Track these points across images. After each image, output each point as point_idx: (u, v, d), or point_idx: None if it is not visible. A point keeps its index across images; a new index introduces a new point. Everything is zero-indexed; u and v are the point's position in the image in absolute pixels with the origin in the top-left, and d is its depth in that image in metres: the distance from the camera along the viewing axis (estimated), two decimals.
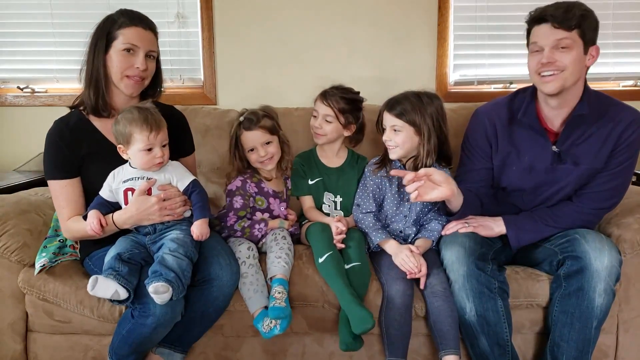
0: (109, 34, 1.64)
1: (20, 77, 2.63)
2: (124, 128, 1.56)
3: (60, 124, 1.70)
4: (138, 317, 1.51)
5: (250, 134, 1.82)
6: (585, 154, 1.70)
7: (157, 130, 1.57)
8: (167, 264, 1.48)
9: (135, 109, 1.58)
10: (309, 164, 1.98)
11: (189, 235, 1.59)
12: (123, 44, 1.63)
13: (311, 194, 1.96)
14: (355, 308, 1.56)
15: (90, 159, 1.68)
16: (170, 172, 1.64)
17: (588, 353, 1.60)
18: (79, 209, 1.67)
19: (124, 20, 1.64)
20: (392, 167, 1.86)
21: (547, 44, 1.60)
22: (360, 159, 2.02)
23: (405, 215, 1.85)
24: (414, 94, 1.79)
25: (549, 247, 1.72)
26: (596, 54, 1.63)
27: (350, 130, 1.95)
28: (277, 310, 1.57)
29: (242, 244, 1.75)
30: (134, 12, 1.69)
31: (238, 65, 2.60)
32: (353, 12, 2.56)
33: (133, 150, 1.57)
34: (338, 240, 1.73)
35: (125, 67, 1.64)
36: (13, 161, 2.60)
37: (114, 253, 1.53)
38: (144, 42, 1.66)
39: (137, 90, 1.70)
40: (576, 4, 1.60)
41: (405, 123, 1.76)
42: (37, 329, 1.76)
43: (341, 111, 1.90)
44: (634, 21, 2.55)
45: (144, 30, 1.66)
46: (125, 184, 1.60)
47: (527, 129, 1.75)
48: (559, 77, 1.60)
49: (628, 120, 1.68)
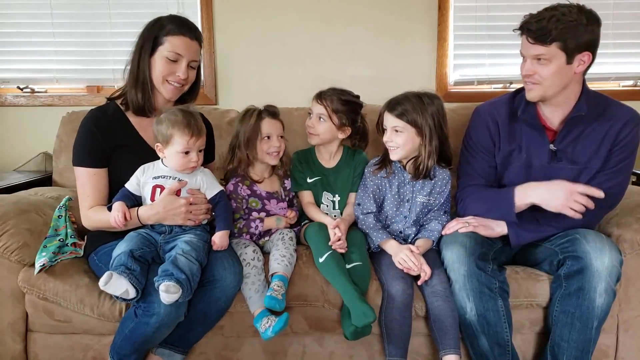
0: (156, 37, 1.68)
1: (20, 77, 2.63)
2: (167, 129, 1.59)
3: (97, 112, 1.74)
4: (142, 316, 1.51)
5: (273, 122, 1.84)
6: (583, 153, 1.71)
7: (198, 136, 1.62)
8: (179, 265, 1.49)
9: (180, 111, 1.62)
10: (307, 162, 1.98)
11: (202, 240, 1.62)
12: (168, 51, 1.67)
13: (310, 190, 1.96)
14: (358, 303, 1.57)
15: (121, 151, 1.71)
16: (201, 178, 1.68)
17: (588, 353, 1.60)
18: (101, 199, 1.70)
19: (172, 27, 1.68)
20: (392, 167, 1.86)
21: (527, 55, 1.63)
22: (357, 152, 1.99)
23: (405, 216, 1.85)
24: (415, 95, 1.78)
25: (549, 247, 1.72)
26: (588, 60, 1.62)
27: (344, 133, 1.93)
28: (273, 299, 1.57)
29: (248, 247, 1.76)
30: (183, 20, 1.72)
31: (238, 65, 2.60)
32: (353, 12, 2.56)
33: (171, 151, 1.61)
34: (336, 247, 1.71)
35: (167, 74, 1.69)
36: (13, 161, 2.61)
37: (126, 249, 1.53)
38: (188, 52, 1.70)
39: (176, 96, 1.76)
40: (561, 14, 1.55)
41: (407, 124, 1.75)
42: (37, 329, 1.76)
43: (335, 111, 1.88)
44: (634, 21, 2.56)
45: (190, 40, 1.70)
46: (156, 180, 1.63)
47: (527, 126, 1.76)
48: (539, 88, 1.64)
49: (625, 119, 1.69)
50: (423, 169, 1.78)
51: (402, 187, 1.85)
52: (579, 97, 1.69)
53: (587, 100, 1.69)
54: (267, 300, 1.58)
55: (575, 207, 1.59)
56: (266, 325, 1.60)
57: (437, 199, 1.85)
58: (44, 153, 2.56)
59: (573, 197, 1.59)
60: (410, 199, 1.84)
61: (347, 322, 1.62)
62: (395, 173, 1.86)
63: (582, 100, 1.69)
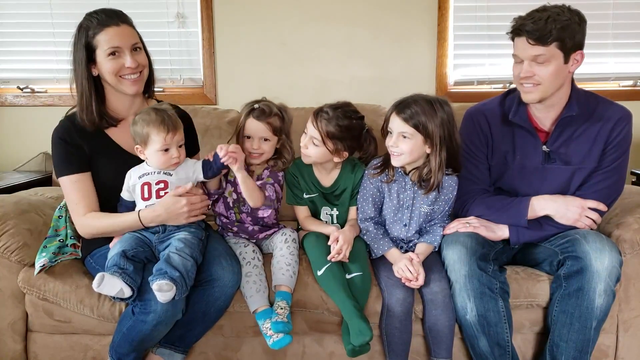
0: (87, 45, 1.61)
1: (20, 77, 2.64)
2: (142, 128, 1.58)
3: (66, 122, 1.71)
4: (139, 314, 1.51)
5: (255, 123, 1.75)
6: (576, 153, 1.72)
7: (174, 131, 1.59)
8: (173, 263, 1.49)
9: (153, 110, 1.60)
10: (303, 176, 1.85)
11: (196, 237, 1.61)
12: (105, 49, 1.61)
13: (306, 205, 1.88)
14: (356, 320, 1.55)
15: (97, 157, 1.69)
16: (185, 171, 1.66)
17: (587, 353, 1.60)
18: (93, 204, 1.67)
19: (94, 25, 1.61)
20: (394, 173, 1.76)
21: (525, 57, 1.62)
22: (357, 166, 1.84)
23: (406, 224, 1.79)
24: (425, 99, 1.66)
25: (549, 247, 1.72)
26: (580, 59, 1.63)
27: (340, 157, 1.76)
28: (279, 324, 1.57)
29: (248, 246, 1.76)
30: (100, 11, 1.64)
31: (238, 65, 2.60)
32: (353, 12, 2.56)
33: (150, 151, 1.60)
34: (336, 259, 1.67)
35: (117, 69, 1.63)
36: (13, 161, 2.61)
37: (119, 250, 1.53)
38: (123, 39, 1.62)
39: (139, 87, 1.69)
40: (556, 14, 1.57)
41: (416, 131, 1.64)
42: (37, 329, 1.76)
43: (329, 136, 1.70)
44: (634, 21, 2.56)
45: (117, 27, 1.62)
46: (142, 178, 1.63)
47: (519, 128, 1.76)
48: (538, 89, 1.64)
49: (616, 117, 1.69)
50: (434, 182, 1.68)
51: (402, 192, 1.77)
52: (569, 97, 1.70)
53: (577, 100, 1.70)
54: (274, 326, 1.57)
55: (587, 222, 1.69)
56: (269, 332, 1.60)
57: (441, 207, 1.79)
58: (44, 153, 2.56)
59: (585, 213, 1.68)
60: (410, 205, 1.77)
61: (347, 338, 1.61)
62: (396, 178, 1.76)
63: (573, 100, 1.70)
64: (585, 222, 1.68)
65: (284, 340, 1.58)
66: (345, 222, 1.87)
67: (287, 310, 1.61)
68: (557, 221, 1.70)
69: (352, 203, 1.86)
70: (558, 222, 1.70)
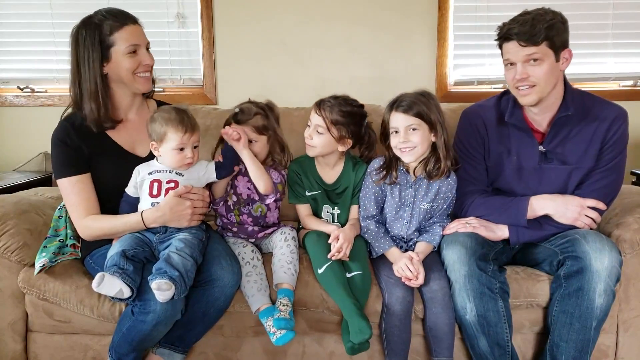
0: (102, 42, 1.62)
1: (20, 77, 2.64)
2: (160, 126, 1.59)
3: (65, 124, 1.71)
4: (138, 314, 1.51)
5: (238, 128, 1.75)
6: (573, 152, 1.72)
7: (192, 131, 1.61)
8: (172, 262, 1.49)
9: (173, 109, 1.62)
10: (306, 174, 1.87)
11: (197, 238, 1.62)
12: (125, 46, 1.63)
13: (308, 203, 1.89)
14: (356, 318, 1.56)
15: (97, 158, 1.69)
16: (197, 172, 1.67)
17: (587, 353, 1.60)
18: (93, 206, 1.67)
19: (112, 23, 1.62)
20: (397, 173, 1.77)
21: (518, 59, 1.64)
22: (358, 164, 1.87)
23: (407, 221, 1.80)
24: (415, 93, 1.72)
25: (549, 247, 1.72)
26: (569, 56, 1.66)
27: (345, 145, 1.80)
28: (281, 321, 1.57)
29: (247, 246, 1.76)
30: (114, 11, 1.65)
31: (238, 66, 2.61)
32: (353, 12, 2.57)
33: (165, 149, 1.61)
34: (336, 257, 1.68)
35: (135, 67, 1.66)
36: (13, 161, 2.61)
37: (119, 249, 1.54)
38: (141, 38, 1.68)
39: (150, 85, 1.74)
40: (540, 15, 1.60)
41: (422, 120, 1.69)
42: (37, 329, 1.76)
43: (334, 123, 1.75)
44: (634, 21, 2.56)
45: (134, 25, 1.66)
46: (152, 175, 1.64)
47: (516, 129, 1.77)
48: (535, 90, 1.65)
49: (612, 117, 1.70)
50: (444, 168, 1.72)
51: (404, 190, 1.79)
52: (563, 97, 1.71)
53: (572, 99, 1.71)
54: (276, 323, 1.57)
55: (586, 221, 1.69)
56: (272, 329, 1.59)
57: (440, 205, 1.80)
58: (44, 153, 2.57)
59: (584, 212, 1.67)
60: (410, 203, 1.78)
61: (347, 337, 1.61)
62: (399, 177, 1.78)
63: (567, 100, 1.71)
64: (585, 221, 1.68)
65: (287, 336, 1.58)
66: (346, 221, 1.88)
67: (289, 307, 1.61)
68: (557, 220, 1.70)
69: (353, 202, 1.87)
70: (558, 222, 1.70)
